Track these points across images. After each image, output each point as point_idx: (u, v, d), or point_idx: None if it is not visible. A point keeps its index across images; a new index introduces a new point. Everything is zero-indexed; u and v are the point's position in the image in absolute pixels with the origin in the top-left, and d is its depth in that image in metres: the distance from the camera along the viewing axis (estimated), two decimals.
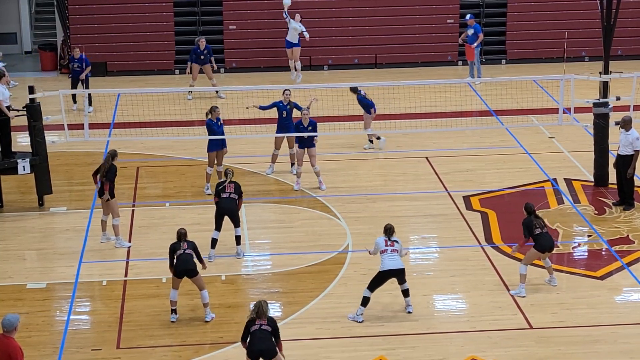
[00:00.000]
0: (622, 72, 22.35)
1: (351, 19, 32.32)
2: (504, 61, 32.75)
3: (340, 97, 26.71)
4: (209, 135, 21.14)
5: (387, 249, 16.13)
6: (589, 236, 19.55)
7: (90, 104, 27.19)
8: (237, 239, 18.62)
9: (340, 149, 24.18)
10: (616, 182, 20.84)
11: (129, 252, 18.75)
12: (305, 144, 21.57)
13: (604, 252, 18.82)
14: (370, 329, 15.84)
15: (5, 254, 18.88)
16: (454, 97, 27.00)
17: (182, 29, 32.37)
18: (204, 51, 28.08)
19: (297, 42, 29.99)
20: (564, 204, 21.00)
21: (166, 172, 23.01)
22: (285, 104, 22.31)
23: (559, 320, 16.19)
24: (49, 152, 21.15)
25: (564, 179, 22.23)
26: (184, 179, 22.56)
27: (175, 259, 16.23)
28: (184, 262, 16.17)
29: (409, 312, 16.37)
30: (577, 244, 19.24)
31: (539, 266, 17.44)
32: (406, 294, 16.39)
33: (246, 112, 24.69)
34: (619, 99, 21.66)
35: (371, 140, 24.19)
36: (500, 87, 28.48)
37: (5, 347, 12.63)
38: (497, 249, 18.81)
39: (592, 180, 21.90)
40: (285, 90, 22.65)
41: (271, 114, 22.87)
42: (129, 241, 19.16)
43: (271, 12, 32.20)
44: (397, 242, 16.25)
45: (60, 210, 20.91)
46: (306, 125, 21.42)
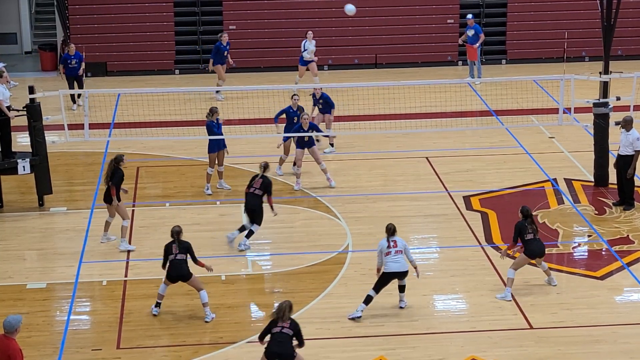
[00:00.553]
0: (622, 72, 22.36)
1: (351, 19, 32.29)
2: (504, 61, 32.76)
3: (340, 97, 26.75)
4: (210, 134, 21.16)
5: (390, 251, 16.11)
6: (589, 236, 19.55)
7: (75, 102, 27.39)
8: (249, 233, 18.73)
9: (340, 149, 24.16)
10: (616, 182, 20.84)
11: (129, 252, 18.74)
12: (305, 145, 21.59)
13: (604, 252, 18.82)
14: (370, 329, 15.84)
15: (5, 254, 18.88)
16: (454, 97, 27.00)
17: (182, 29, 32.39)
18: (226, 47, 27.92)
19: (312, 60, 28.89)
20: (564, 204, 21.00)
21: (166, 172, 23.01)
22: (294, 109, 22.32)
23: (559, 320, 16.19)
24: (49, 152, 21.15)
25: (564, 179, 22.23)
26: (184, 179, 22.56)
27: (168, 263, 16.22)
28: (175, 269, 16.16)
29: (401, 307, 16.39)
30: (577, 244, 19.24)
31: (537, 265, 17.41)
32: (402, 289, 16.39)
33: (246, 112, 24.75)
34: (619, 99, 21.66)
35: (332, 143, 24.16)
36: (500, 87, 28.47)
37: (5, 348, 12.62)
38: (497, 249, 18.80)
39: (592, 180, 21.90)
40: (293, 95, 22.63)
41: (273, 114, 22.87)
42: (130, 243, 19.12)
43: (271, 12, 32.23)
44: (399, 241, 16.19)
45: (60, 210, 20.90)
46: (307, 129, 21.45)
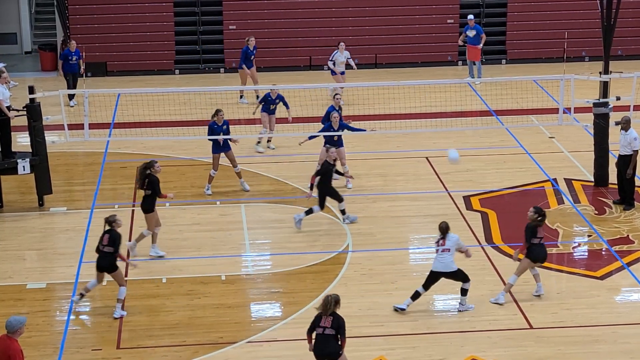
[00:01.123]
0: (622, 72, 22.35)
1: (351, 19, 32.34)
2: (504, 61, 32.76)
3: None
4: (211, 135, 21.13)
5: (438, 249, 16.15)
6: (589, 236, 19.55)
7: (72, 98, 27.48)
8: (342, 212, 19.82)
9: None
10: (617, 182, 20.84)
11: (128, 252, 18.73)
12: (334, 144, 21.51)
13: (604, 252, 18.82)
14: (370, 329, 15.84)
15: (5, 254, 18.88)
16: (454, 97, 27.00)
17: (182, 29, 32.40)
18: (253, 51, 27.67)
19: (343, 71, 28.12)
20: (564, 204, 21.00)
21: (166, 172, 22.95)
22: (337, 109, 22.03)
23: (559, 320, 16.19)
24: (49, 152, 21.15)
25: (564, 179, 22.23)
26: (184, 179, 22.56)
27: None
28: (99, 258, 16.37)
29: (459, 311, 16.39)
30: (577, 244, 19.24)
31: (539, 266, 17.40)
32: (462, 292, 16.37)
33: (246, 113, 24.75)
34: (619, 99, 21.66)
35: (269, 140, 24.22)
36: (500, 87, 28.48)
37: (6, 348, 12.61)
38: (497, 248, 18.81)
39: (592, 180, 21.90)
40: (335, 94, 22.42)
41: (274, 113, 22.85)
42: (131, 240, 19.10)
43: (271, 12, 32.24)
44: (449, 240, 16.08)
45: (60, 210, 20.91)
46: (336, 128, 21.40)
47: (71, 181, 22.67)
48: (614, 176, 21.08)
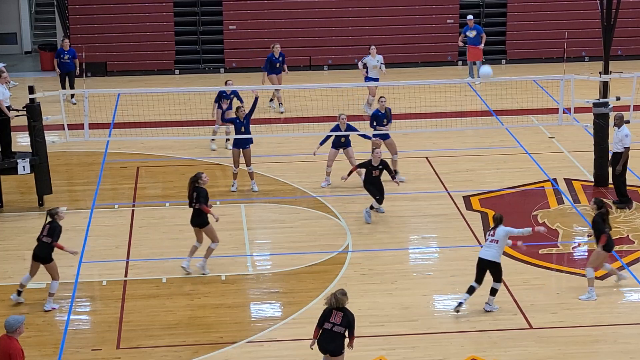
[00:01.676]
0: (622, 72, 22.34)
1: (351, 19, 32.34)
2: (504, 61, 32.76)
3: (340, 97, 26.73)
4: (235, 132, 21.20)
5: (487, 238, 16.27)
6: (589, 236, 19.51)
7: (72, 96, 27.53)
8: (371, 206, 19.96)
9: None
10: (612, 181, 20.88)
11: (129, 252, 18.74)
12: (341, 146, 21.72)
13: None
14: (370, 329, 15.83)
15: (5, 254, 18.88)
16: (454, 97, 27.00)
17: (182, 29, 32.40)
18: (278, 58, 27.26)
19: (377, 77, 26.94)
20: (564, 204, 21.00)
21: (166, 172, 23.01)
22: (382, 111, 22.09)
23: (559, 320, 16.19)
24: (49, 152, 21.15)
25: (564, 179, 22.23)
26: (184, 179, 22.43)
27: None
28: (37, 247, 16.52)
29: (485, 310, 16.37)
30: (577, 244, 19.24)
31: (537, 265, 17.40)
32: (492, 292, 16.37)
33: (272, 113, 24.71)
34: (619, 99, 21.66)
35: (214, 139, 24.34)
36: (500, 87, 28.48)
37: (6, 348, 12.62)
38: None
39: (592, 180, 21.90)
40: (380, 97, 22.33)
41: (273, 114, 22.85)
42: (129, 241, 19.11)
43: (271, 12, 32.24)
44: (499, 231, 16.12)
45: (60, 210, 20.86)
46: (344, 129, 21.52)
47: (71, 181, 22.67)
48: None
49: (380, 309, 16.48)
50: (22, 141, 23.44)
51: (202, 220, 17.70)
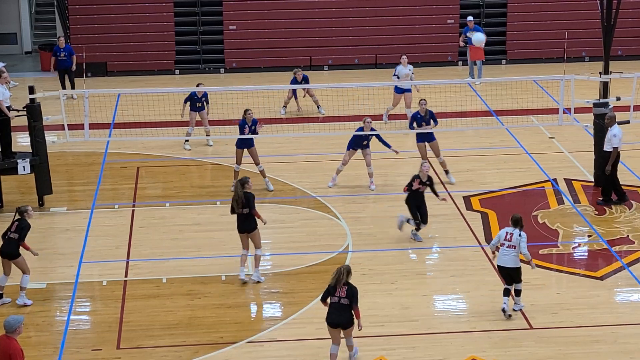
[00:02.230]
0: (622, 72, 22.34)
1: (351, 19, 32.33)
2: (504, 61, 32.76)
3: (340, 97, 26.73)
4: (240, 133, 21.19)
5: (504, 243, 16.07)
6: (589, 236, 19.55)
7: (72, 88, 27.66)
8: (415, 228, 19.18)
9: (340, 149, 24.13)
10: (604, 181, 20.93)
11: (129, 252, 18.74)
12: (360, 147, 21.63)
13: (604, 252, 18.82)
14: (370, 329, 15.82)
15: None
16: (454, 97, 27.00)
17: (182, 29, 32.40)
18: (301, 82, 26.20)
19: (409, 87, 26.07)
20: (564, 204, 21.00)
21: (166, 172, 23.01)
22: (422, 114, 22.02)
23: (559, 320, 16.19)
24: (49, 152, 21.15)
25: (564, 179, 22.23)
26: (184, 179, 22.56)
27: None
28: (3, 244, 16.67)
29: (514, 310, 16.31)
30: (577, 244, 19.24)
31: (537, 265, 17.42)
32: (517, 293, 16.31)
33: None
34: (619, 99, 21.65)
35: (187, 139, 24.35)
36: (500, 87, 28.48)
37: (6, 348, 12.63)
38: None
39: (592, 180, 21.90)
40: (421, 100, 22.23)
41: (273, 114, 22.82)
42: (129, 241, 19.10)
43: (271, 12, 32.23)
44: (516, 235, 15.98)
45: (60, 210, 20.90)
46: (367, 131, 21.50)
47: (71, 181, 22.67)
48: None
49: (380, 309, 16.49)
50: (22, 141, 23.44)
51: (251, 225, 17.47)
